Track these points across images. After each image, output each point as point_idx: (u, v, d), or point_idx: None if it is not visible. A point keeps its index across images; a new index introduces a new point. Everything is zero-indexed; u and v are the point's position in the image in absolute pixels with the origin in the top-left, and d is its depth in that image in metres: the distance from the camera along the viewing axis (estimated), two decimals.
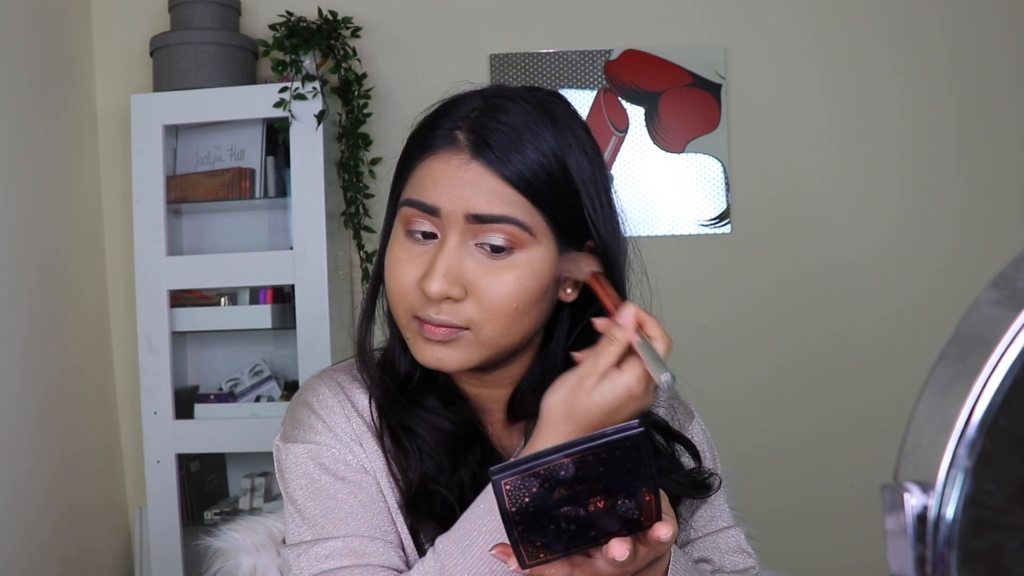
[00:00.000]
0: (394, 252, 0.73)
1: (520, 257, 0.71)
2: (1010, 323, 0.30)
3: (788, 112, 2.37)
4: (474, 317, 0.71)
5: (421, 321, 0.71)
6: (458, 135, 0.71)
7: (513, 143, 0.70)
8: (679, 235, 2.36)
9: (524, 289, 0.71)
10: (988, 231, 2.32)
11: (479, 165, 0.70)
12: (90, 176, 2.32)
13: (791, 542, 2.03)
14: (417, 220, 0.72)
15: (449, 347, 0.72)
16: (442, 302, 0.70)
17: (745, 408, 2.30)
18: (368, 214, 2.21)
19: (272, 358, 2.34)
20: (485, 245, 0.70)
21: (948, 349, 0.32)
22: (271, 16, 2.21)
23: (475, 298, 0.70)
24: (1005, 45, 2.33)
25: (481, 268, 0.70)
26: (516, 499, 0.53)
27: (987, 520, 0.30)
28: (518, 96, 0.74)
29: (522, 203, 0.70)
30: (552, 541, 0.55)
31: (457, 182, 0.70)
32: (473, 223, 0.69)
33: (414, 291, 0.71)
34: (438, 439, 0.76)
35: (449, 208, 0.70)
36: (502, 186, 0.70)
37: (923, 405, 0.32)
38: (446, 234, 0.70)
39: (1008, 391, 0.29)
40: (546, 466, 0.53)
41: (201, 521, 2.16)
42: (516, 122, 0.71)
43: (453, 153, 0.71)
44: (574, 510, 0.54)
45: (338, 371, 0.83)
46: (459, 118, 0.72)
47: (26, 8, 2.01)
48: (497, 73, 2.35)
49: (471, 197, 0.69)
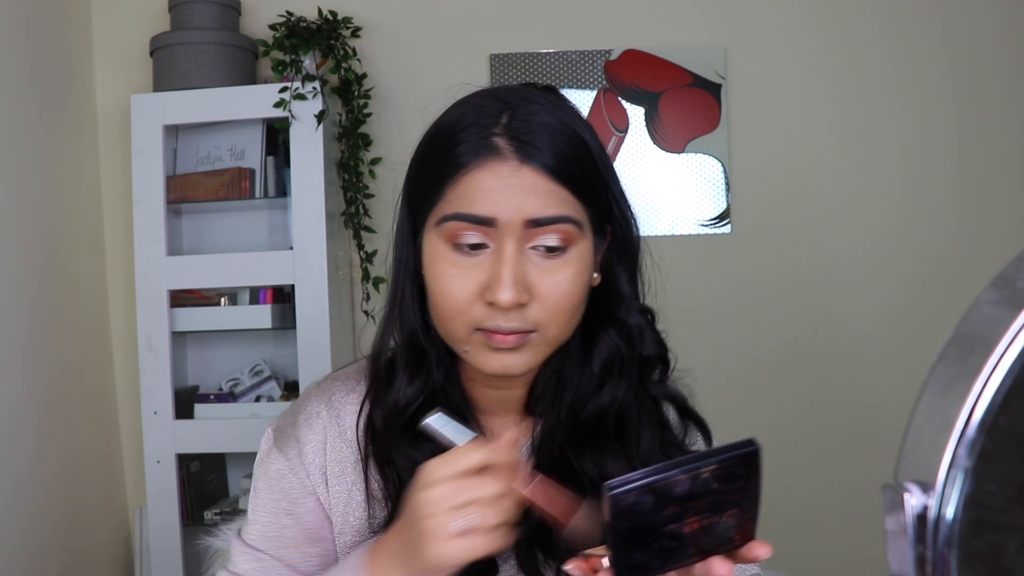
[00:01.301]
0: (444, 269, 0.71)
1: (573, 253, 0.71)
2: (1010, 323, 0.30)
3: (788, 112, 2.37)
4: (540, 319, 0.71)
5: (489, 332, 0.71)
6: (498, 142, 0.70)
7: (555, 142, 0.71)
8: (679, 235, 2.36)
9: (580, 283, 0.72)
10: (988, 231, 2.31)
11: (530, 169, 0.69)
12: (90, 176, 2.32)
13: (791, 542, 2.03)
14: (465, 233, 0.70)
15: (517, 353, 0.72)
16: (511, 310, 0.70)
17: (745, 408, 2.30)
18: (368, 214, 2.21)
19: (272, 358, 2.34)
20: (540, 247, 0.70)
21: (948, 349, 0.32)
22: (271, 16, 2.21)
23: (539, 300, 0.70)
24: (1005, 45, 2.33)
25: (540, 270, 0.70)
26: (629, 515, 0.52)
27: (987, 520, 0.30)
28: (534, 95, 0.74)
29: (570, 199, 0.71)
30: (651, 559, 0.54)
31: (511, 189, 0.69)
32: (530, 228, 0.69)
33: (475, 304, 0.70)
34: None
35: (507, 217, 0.69)
36: (553, 186, 0.70)
37: (923, 405, 0.32)
38: (502, 242, 0.70)
39: (1008, 391, 0.29)
40: (663, 482, 0.53)
41: (201, 521, 2.15)
42: (550, 121, 0.71)
43: (499, 161, 0.70)
44: (679, 527, 0.54)
45: (336, 382, 0.84)
46: (488, 125, 0.71)
47: (26, 8, 2.01)
48: (497, 73, 2.35)
49: (526, 202, 0.69)
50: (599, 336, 0.77)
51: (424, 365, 0.77)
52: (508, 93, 0.74)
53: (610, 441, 0.77)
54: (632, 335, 0.77)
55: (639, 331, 0.78)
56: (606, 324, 0.77)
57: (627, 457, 0.77)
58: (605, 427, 0.77)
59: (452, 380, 0.79)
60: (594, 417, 0.77)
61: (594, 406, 0.77)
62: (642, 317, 0.78)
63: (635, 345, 0.77)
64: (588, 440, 0.77)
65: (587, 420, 0.77)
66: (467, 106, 0.74)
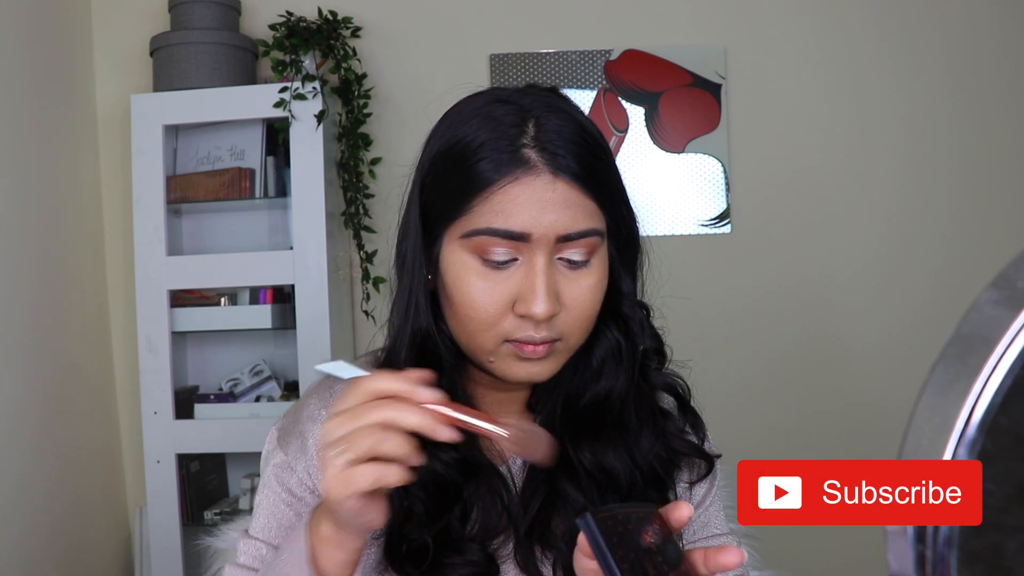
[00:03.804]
0: (473, 282, 0.71)
1: (595, 262, 0.72)
2: (1010, 323, 0.30)
3: (788, 112, 2.37)
4: (565, 328, 0.71)
5: (520, 343, 0.71)
6: (529, 155, 0.69)
7: (581, 151, 0.70)
8: (679, 235, 2.36)
9: (602, 290, 0.74)
10: (988, 232, 2.32)
11: (564, 183, 0.69)
12: (90, 176, 2.32)
13: (791, 542, 2.03)
14: (495, 250, 0.70)
15: (544, 361, 0.72)
16: (542, 321, 0.70)
17: (744, 408, 2.30)
18: (368, 214, 2.21)
19: (272, 358, 2.34)
20: (564, 259, 0.71)
21: (948, 349, 0.32)
22: (271, 16, 2.21)
23: (566, 310, 0.71)
24: (1005, 45, 2.33)
25: (566, 280, 0.71)
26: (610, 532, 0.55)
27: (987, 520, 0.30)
28: (552, 100, 0.73)
29: (596, 211, 0.71)
30: None
31: (546, 204, 0.69)
32: (561, 242, 0.70)
33: (505, 316, 0.70)
34: (426, 480, 0.74)
35: (541, 232, 0.69)
36: (583, 199, 0.70)
37: (923, 405, 0.32)
38: (533, 256, 0.69)
39: (1008, 391, 0.29)
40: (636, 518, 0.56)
41: (201, 521, 2.15)
42: (574, 129, 0.71)
43: (533, 176, 0.69)
44: None
45: (337, 385, 0.84)
46: (515, 136, 0.70)
47: (26, 8, 2.01)
48: (497, 73, 2.35)
49: (560, 218, 0.69)
50: (600, 332, 0.78)
51: (430, 365, 0.76)
52: (525, 99, 0.73)
53: (609, 432, 0.77)
54: (632, 329, 0.78)
55: (639, 325, 0.79)
56: (607, 320, 0.77)
57: (627, 448, 0.77)
58: (604, 419, 0.77)
59: (456, 381, 0.79)
60: (592, 407, 0.77)
61: (591, 395, 0.78)
62: (641, 311, 0.80)
63: (635, 339, 0.78)
64: (586, 432, 0.77)
65: (584, 410, 0.78)
66: (484, 115, 0.72)
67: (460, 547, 0.74)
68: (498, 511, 0.76)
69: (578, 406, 0.78)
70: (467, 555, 0.74)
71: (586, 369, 0.78)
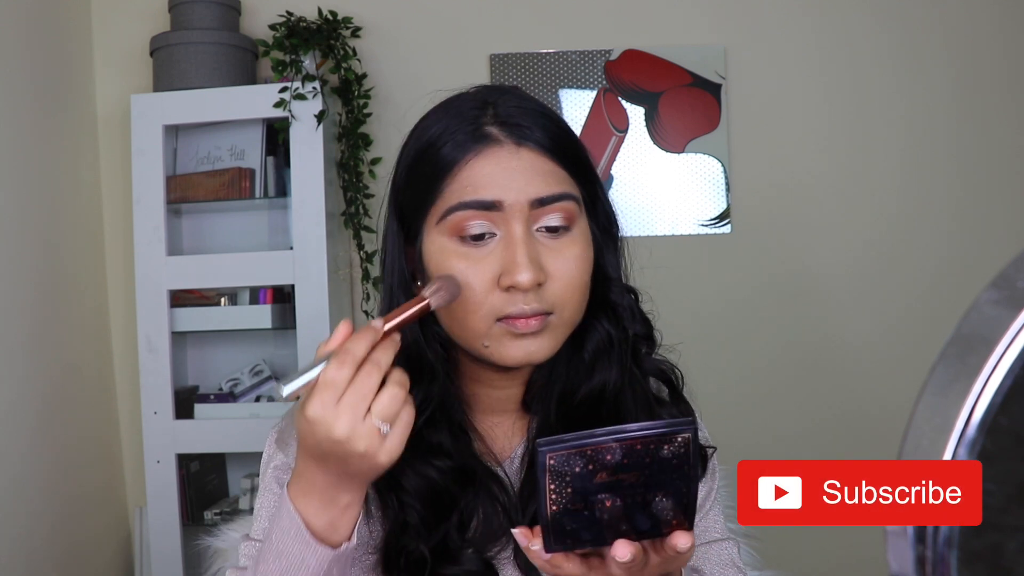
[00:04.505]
0: (454, 263, 0.70)
1: (576, 231, 0.72)
2: (1010, 323, 0.30)
3: (788, 112, 2.37)
4: (556, 299, 0.71)
5: (511, 318, 0.70)
6: (490, 130, 0.71)
7: (546, 123, 0.72)
8: (679, 235, 2.36)
9: (588, 260, 0.73)
10: (988, 231, 2.31)
11: (528, 150, 0.71)
12: (90, 176, 2.32)
13: (791, 542, 2.03)
14: (471, 223, 0.70)
15: (539, 337, 0.71)
16: (529, 291, 0.69)
17: (744, 407, 2.30)
18: (368, 214, 2.21)
19: (272, 358, 2.34)
20: (544, 228, 0.71)
21: (948, 349, 0.32)
22: (271, 16, 2.21)
23: (553, 280, 0.71)
24: (1005, 45, 2.33)
25: (549, 250, 0.71)
26: (558, 476, 0.52)
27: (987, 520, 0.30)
28: (508, 89, 0.76)
29: (567, 178, 0.72)
30: (582, 528, 0.54)
31: (513, 172, 0.70)
32: (535, 208, 0.70)
33: (492, 293, 0.70)
34: (421, 491, 0.74)
35: (512, 199, 0.69)
36: (552, 165, 0.71)
37: (923, 405, 0.32)
38: (509, 226, 0.69)
39: (1008, 391, 0.29)
40: (593, 447, 0.52)
41: (201, 521, 2.15)
42: (536, 107, 0.73)
43: (496, 147, 0.71)
44: (611, 499, 0.53)
45: None
46: (476, 118, 0.72)
47: (26, 8, 2.01)
48: (497, 73, 2.35)
49: (529, 182, 0.70)
50: (589, 325, 0.77)
51: (423, 373, 0.76)
52: (482, 92, 0.75)
53: (605, 426, 0.77)
54: (622, 315, 0.78)
55: (629, 311, 0.79)
56: (596, 311, 0.77)
57: None
58: (600, 413, 0.77)
59: (450, 381, 0.78)
60: (587, 403, 0.77)
61: (586, 391, 0.77)
62: (629, 296, 0.80)
63: (625, 325, 0.78)
64: (582, 428, 0.77)
65: (580, 407, 0.77)
66: (445, 110, 0.75)
67: (457, 556, 0.73)
68: (497, 514, 0.76)
69: (573, 403, 0.78)
70: (464, 564, 0.73)
71: (579, 364, 0.78)
